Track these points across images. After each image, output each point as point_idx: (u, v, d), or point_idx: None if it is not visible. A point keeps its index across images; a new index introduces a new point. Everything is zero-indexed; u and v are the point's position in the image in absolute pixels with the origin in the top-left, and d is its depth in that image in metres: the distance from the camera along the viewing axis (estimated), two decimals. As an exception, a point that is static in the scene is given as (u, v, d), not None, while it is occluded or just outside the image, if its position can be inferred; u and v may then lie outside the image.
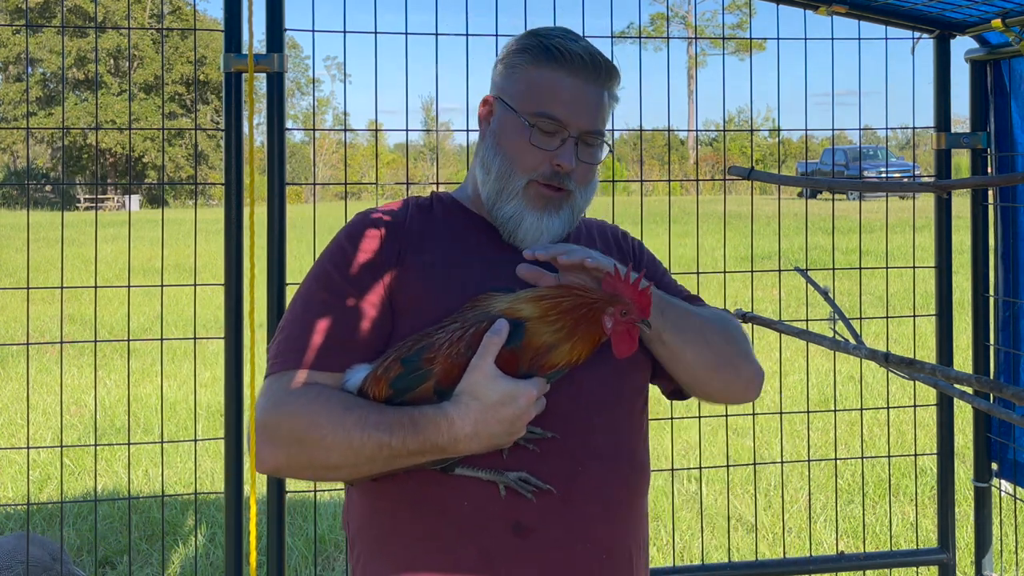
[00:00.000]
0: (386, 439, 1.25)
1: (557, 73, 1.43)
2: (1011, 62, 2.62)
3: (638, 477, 1.46)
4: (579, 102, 1.43)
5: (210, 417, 5.99)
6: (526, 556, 1.34)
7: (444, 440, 1.25)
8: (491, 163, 1.46)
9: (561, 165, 1.42)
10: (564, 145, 1.42)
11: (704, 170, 24.40)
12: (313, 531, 3.33)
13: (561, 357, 1.28)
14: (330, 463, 1.29)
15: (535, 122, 1.42)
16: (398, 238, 1.44)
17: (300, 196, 15.66)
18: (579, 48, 1.44)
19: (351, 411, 1.27)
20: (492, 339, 1.26)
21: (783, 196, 3.86)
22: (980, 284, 2.74)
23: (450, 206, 1.53)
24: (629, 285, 1.30)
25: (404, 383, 1.28)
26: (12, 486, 4.86)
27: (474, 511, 1.33)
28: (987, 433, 2.76)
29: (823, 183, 1.41)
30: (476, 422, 1.24)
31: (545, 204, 1.43)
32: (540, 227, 1.43)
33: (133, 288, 2.58)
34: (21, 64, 36.90)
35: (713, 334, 1.46)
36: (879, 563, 2.86)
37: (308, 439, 1.28)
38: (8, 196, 27.17)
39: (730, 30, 36.81)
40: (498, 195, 1.45)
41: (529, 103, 1.43)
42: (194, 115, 34.27)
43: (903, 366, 0.88)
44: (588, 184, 1.48)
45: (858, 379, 4.81)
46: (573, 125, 1.42)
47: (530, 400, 1.26)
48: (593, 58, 1.44)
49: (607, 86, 1.46)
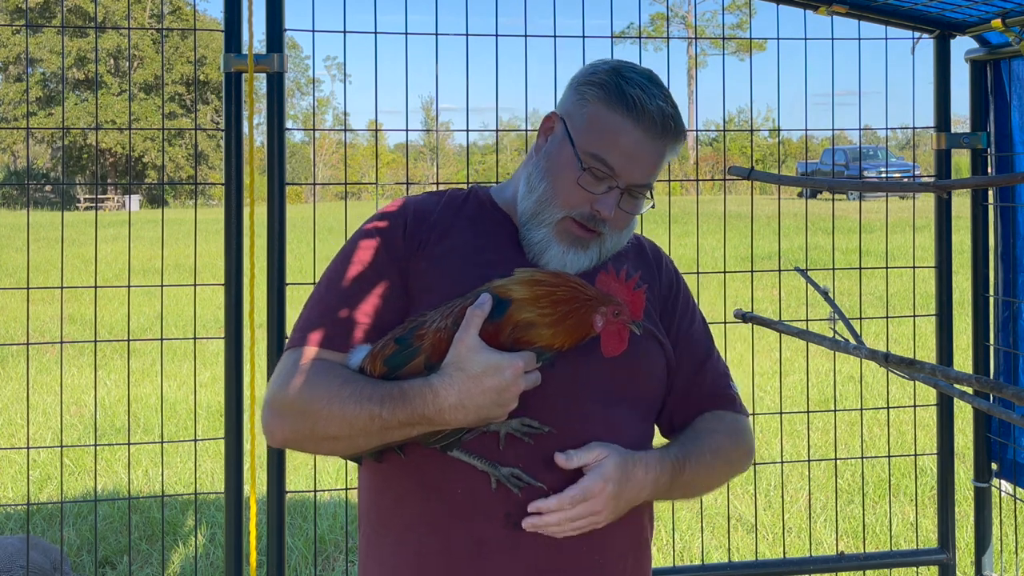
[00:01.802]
0: (377, 410, 1.29)
1: (625, 122, 1.42)
2: (1011, 62, 2.62)
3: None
4: (638, 156, 1.42)
5: (210, 417, 5.99)
6: (516, 548, 1.35)
7: (430, 410, 1.27)
8: (536, 185, 1.47)
9: (600, 212, 1.42)
10: (609, 193, 1.43)
11: (704, 170, 24.39)
12: (313, 531, 3.33)
13: (541, 338, 1.29)
14: (329, 434, 1.33)
15: (588, 164, 1.42)
16: (422, 227, 1.47)
17: (300, 196, 15.68)
18: (654, 106, 1.42)
19: (347, 384, 1.32)
20: (475, 312, 1.28)
21: (783, 196, 3.87)
22: (980, 284, 2.74)
23: (485, 202, 1.55)
24: (623, 286, 1.31)
25: (397, 360, 1.32)
26: (12, 486, 4.85)
27: (467, 497, 1.36)
28: (987, 433, 2.76)
29: (823, 183, 1.41)
30: (460, 392, 1.26)
31: (573, 241, 1.45)
32: (563, 260, 1.45)
33: (133, 288, 2.58)
34: (21, 64, 36.88)
35: (721, 466, 1.51)
36: (879, 563, 2.86)
37: (309, 411, 1.33)
38: (8, 196, 27.17)
39: (730, 30, 36.83)
40: (532, 217, 1.47)
41: (589, 141, 1.43)
42: (194, 115, 34.25)
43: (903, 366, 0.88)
44: (623, 230, 1.49)
45: (858, 379, 4.81)
46: (625, 176, 1.42)
47: (516, 371, 1.26)
48: (665, 119, 1.43)
49: (670, 145, 1.46)
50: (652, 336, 1.49)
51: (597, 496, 1.31)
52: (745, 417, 1.59)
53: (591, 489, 1.31)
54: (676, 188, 19.67)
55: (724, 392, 1.57)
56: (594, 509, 1.31)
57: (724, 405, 1.56)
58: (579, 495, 1.31)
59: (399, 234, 1.47)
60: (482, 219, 1.52)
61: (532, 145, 1.55)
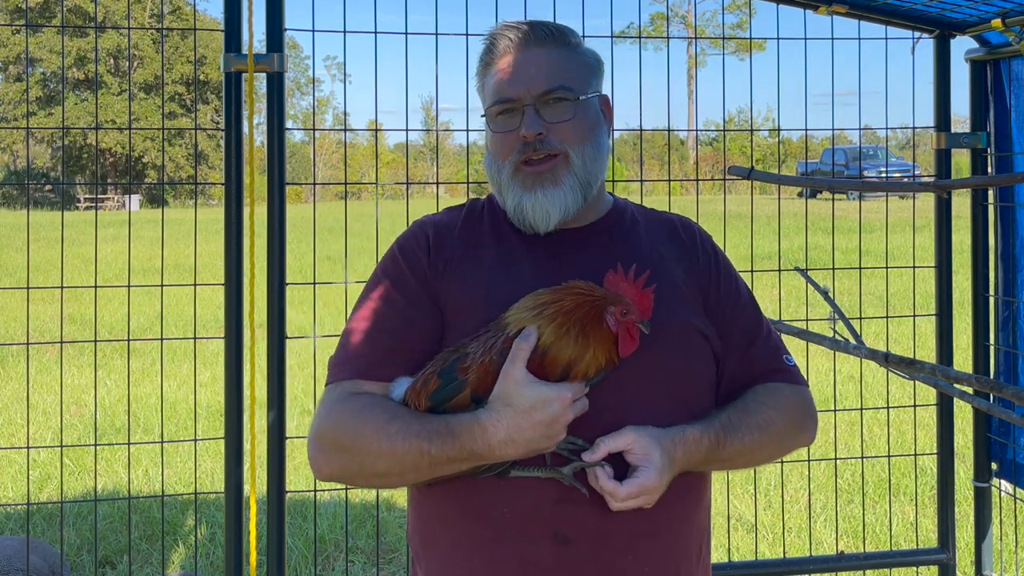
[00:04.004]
0: (426, 447, 1.27)
1: (494, 61, 1.44)
2: (1011, 62, 2.62)
3: (688, 487, 1.41)
4: (520, 70, 1.41)
5: (210, 417, 5.99)
6: (564, 566, 1.33)
7: (479, 447, 1.26)
8: (487, 169, 1.47)
9: (525, 135, 1.39)
10: (524, 116, 1.40)
11: (704, 170, 24.39)
12: (313, 531, 3.33)
13: (589, 366, 1.27)
14: (377, 471, 1.32)
15: (492, 112, 1.43)
16: (446, 247, 1.45)
17: (300, 196, 15.68)
18: (508, 27, 1.43)
19: (394, 421, 1.30)
20: (521, 345, 1.26)
21: (783, 196, 3.86)
22: (980, 284, 2.74)
23: (500, 211, 1.52)
24: (631, 285, 1.29)
25: (441, 395, 1.30)
26: (12, 486, 4.85)
27: (515, 518, 1.33)
28: (987, 433, 2.76)
29: (823, 183, 1.41)
30: (509, 427, 1.25)
31: (535, 179, 1.40)
32: (541, 203, 1.40)
33: (133, 288, 2.58)
34: (21, 64, 36.88)
35: (770, 440, 1.43)
36: (879, 563, 2.86)
37: (355, 448, 1.31)
38: (8, 196, 27.17)
39: (730, 30, 36.83)
40: (499, 193, 1.45)
41: (486, 98, 1.46)
42: (194, 115, 34.26)
43: (903, 366, 0.88)
44: (582, 143, 1.42)
45: (858, 379, 4.81)
46: (524, 95, 1.40)
47: (564, 403, 1.25)
48: (525, 29, 1.42)
49: (550, 44, 1.43)
50: (693, 329, 1.43)
51: (652, 491, 1.30)
52: (804, 388, 1.51)
53: (647, 486, 1.29)
54: (676, 188, 19.67)
55: (778, 366, 1.50)
56: (648, 502, 1.30)
57: (778, 378, 1.48)
58: (635, 491, 1.29)
59: (423, 258, 1.44)
60: (502, 228, 1.48)
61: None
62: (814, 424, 1.50)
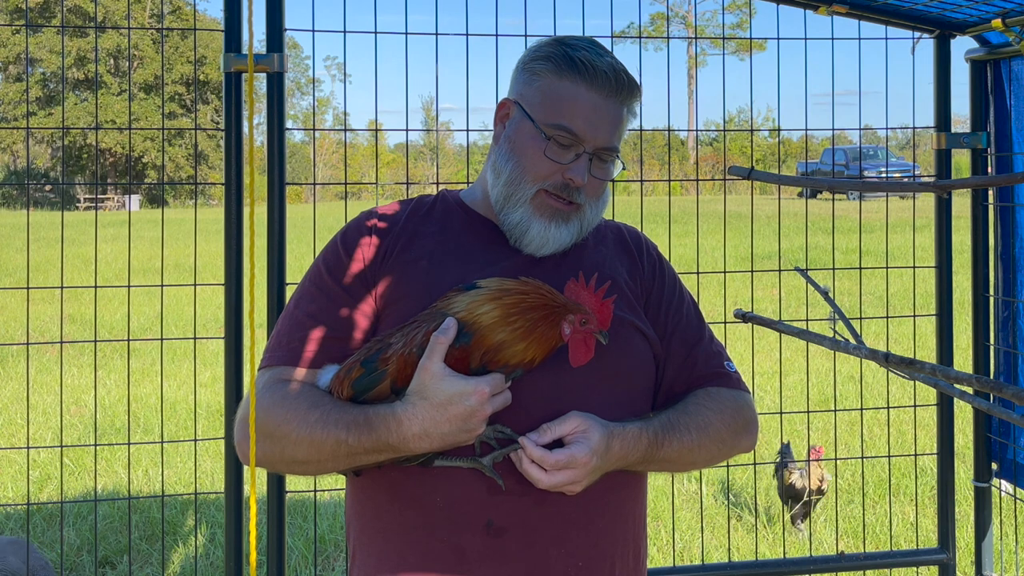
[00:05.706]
0: (344, 437, 1.28)
1: (579, 87, 1.41)
2: (1011, 62, 2.62)
3: (624, 482, 1.42)
4: (598, 118, 1.41)
5: (210, 417, 5.99)
6: (498, 556, 1.33)
7: (394, 439, 1.26)
8: (503, 168, 1.45)
9: (573, 179, 1.41)
10: (578, 160, 1.41)
11: (704, 170, 24.39)
12: (313, 531, 3.33)
13: (514, 356, 1.27)
14: (297, 458, 1.33)
15: (552, 134, 1.41)
16: (388, 238, 1.46)
17: (300, 196, 15.69)
18: (604, 63, 1.42)
19: (315, 408, 1.31)
20: (439, 338, 1.26)
21: (783, 196, 3.87)
22: (980, 284, 2.74)
23: (453, 205, 1.53)
24: (592, 295, 1.29)
25: (363, 384, 1.31)
26: (12, 486, 4.85)
27: (447, 506, 1.34)
28: (987, 433, 2.76)
29: (823, 183, 1.40)
30: (424, 421, 1.25)
31: (553, 214, 1.42)
32: (546, 236, 1.42)
33: (133, 288, 2.58)
34: (21, 64, 36.89)
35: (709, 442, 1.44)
36: (879, 563, 2.86)
37: (276, 434, 1.32)
38: (8, 196, 27.17)
39: (730, 30, 36.81)
40: (507, 200, 1.45)
41: (547, 113, 1.42)
42: (194, 115, 34.26)
43: (903, 366, 0.88)
44: (599, 198, 1.47)
45: (858, 379, 4.81)
46: (590, 141, 1.41)
47: (482, 397, 1.25)
48: (617, 74, 1.42)
49: (627, 103, 1.45)
50: (635, 329, 1.45)
51: (580, 467, 1.29)
52: (744, 393, 1.53)
53: (577, 458, 1.28)
54: (676, 188, 19.67)
55: (718, 371, 1.52)
56: (575, 478, 1.29)
57: (718, 383, 1.51)
58: (564, 460, 1.28)
59: (365, 246, 1.45)
60: (451, 222, 1.50)
61: (492, 137, 1.53)
62: (755, 428, 1.53)
